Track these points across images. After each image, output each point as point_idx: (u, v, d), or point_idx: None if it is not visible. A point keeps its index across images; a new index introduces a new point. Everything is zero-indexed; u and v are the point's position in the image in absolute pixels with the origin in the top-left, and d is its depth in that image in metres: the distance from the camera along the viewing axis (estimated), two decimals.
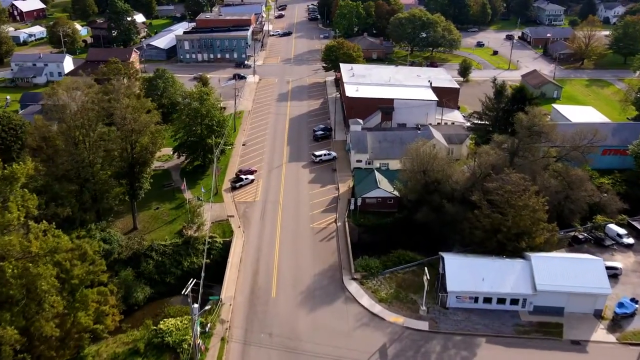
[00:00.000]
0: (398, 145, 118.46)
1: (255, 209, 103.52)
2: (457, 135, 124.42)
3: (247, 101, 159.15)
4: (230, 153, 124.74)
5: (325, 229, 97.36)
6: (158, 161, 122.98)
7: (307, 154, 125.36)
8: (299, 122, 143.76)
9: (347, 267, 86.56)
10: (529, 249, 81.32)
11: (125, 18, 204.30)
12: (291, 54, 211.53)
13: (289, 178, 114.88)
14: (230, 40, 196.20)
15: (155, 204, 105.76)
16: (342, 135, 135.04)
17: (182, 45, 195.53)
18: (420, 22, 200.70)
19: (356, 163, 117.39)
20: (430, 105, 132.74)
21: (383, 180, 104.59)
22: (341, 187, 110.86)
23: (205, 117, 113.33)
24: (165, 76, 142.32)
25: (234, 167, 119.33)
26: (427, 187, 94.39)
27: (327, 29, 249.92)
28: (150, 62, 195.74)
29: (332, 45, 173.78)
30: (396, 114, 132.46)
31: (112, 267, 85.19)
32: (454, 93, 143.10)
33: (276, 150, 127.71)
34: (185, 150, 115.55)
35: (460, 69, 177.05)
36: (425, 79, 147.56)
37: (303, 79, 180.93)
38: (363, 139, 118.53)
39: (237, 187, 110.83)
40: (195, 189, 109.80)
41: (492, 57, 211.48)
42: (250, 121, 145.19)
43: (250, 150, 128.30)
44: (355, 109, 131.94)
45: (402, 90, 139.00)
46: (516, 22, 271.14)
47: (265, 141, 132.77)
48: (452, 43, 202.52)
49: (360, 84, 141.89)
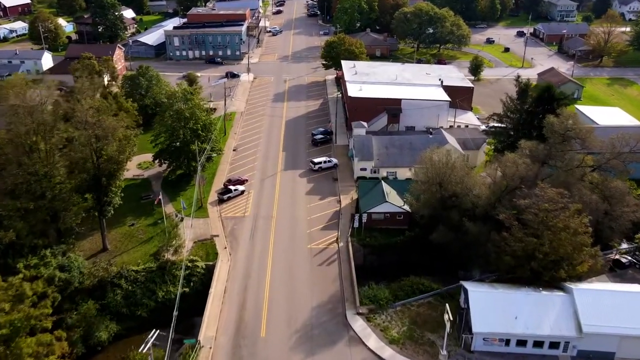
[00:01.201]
0: (407, 152, 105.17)
1: (244, 226, 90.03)
2: (473, 140, 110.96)
3: (240, 102, 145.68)
4: (218, 160, 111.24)
5: (326, 250, 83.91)
6: (138, 169, 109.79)
7: (305, 161, 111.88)
8: (296, 125, 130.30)
9: (351, 299, 73.09)
10: (569, 278, 67.91)
11: (111, 13, 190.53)
12: (289, 51, 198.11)
13: (284, 189, 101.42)
14: (223, 36, 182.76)
15: (130, 219, 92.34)
16: (344, 139, 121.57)
17: (172, 42, 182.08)
18: (427, 17, 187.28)
19: (360, 172, 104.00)
20: (442, 106, 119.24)
21: (391, 192, 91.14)
22: (343, 199, 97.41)
23: (189, 120, 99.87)
24: (149, 74, 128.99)
25: (222, 176, 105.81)
26: (443, 201, 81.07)
27: (327, 25, 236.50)
28: (137, 59, 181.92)
29: (332, 41, 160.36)
30: (404, 115, 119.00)
31: (72, 299, 71.86)
32: (468, 93, 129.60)
33: (270, 157, 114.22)
34: (167, 157, 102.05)
35: (471, 66, 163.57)
36: (435, 77, 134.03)
37: (301, 77, 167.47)
38: (368, 144, 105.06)
39: (225, 200, 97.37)
40: (177, 202, 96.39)
41: (503, 54, 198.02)
42: (243, 124, 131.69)
43: (242, 156, 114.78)
44: (359, 110, 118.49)
45: (411, 89, 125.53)
46: (526, 18, 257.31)
47: (259, 146, 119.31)
48: (461, 39, 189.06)
49: (364, 82, 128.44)
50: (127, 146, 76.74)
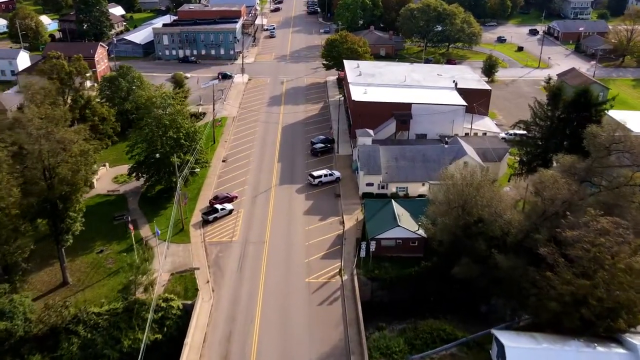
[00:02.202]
0: (420, 164, 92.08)
1: (231, 254, 76.82)
2: (493, 151, 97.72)
3: (232, 105, 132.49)
4: (205, 173, 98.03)
5: (327, 285, 70.69)
6: (114, 183, 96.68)
7: (303, 173, 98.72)
8: (294, 132, 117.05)
9: (358, 351, 59.89)
10: (630, 330, 54.75)
11: (95, 9, 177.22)
12: (287, 50, 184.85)
13: (279, 207, 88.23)
14: (215, 34, 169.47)
15: (99, 245, 79.21)
16: (347, 148, 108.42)
17: (161, 40, 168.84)
18: (435, 14, 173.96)
19: (366, 187, 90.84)
20: (458, 112, 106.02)
21: (404, 214, 77.92)
22: (347, 220, 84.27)
23: (170, 129, 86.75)
24: (131, 75, 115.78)
25: (209, 192, 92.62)
26: (467, 228, 67.98)
27: (328, 23, 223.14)
28: (123, 59, 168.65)
29: (334, 39, 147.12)
30: (414, 122, 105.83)
31: (16, 351, 58.73)
32: (485, 96, 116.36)
33: (264, 169, 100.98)
34: (145, 170, 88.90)
35: (484, 67, 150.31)
36: (448, 78, 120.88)
37: (300, 78, 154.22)
38: (375, 155, 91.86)
39: (211, 221, 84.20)
40: (157, 223, 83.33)
41: (516, 53, 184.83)
42: (235, 130, 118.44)
43: (232, 168, 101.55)
44: (364, 116, 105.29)
45: (422, 92, 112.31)
46: (537, 15, 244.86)
47: (251, 156, 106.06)
48: (471, 38, 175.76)
49: (369, 85, 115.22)
50: (84, 164, 63.14)
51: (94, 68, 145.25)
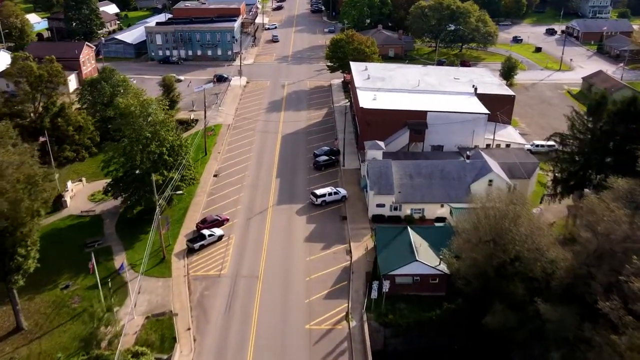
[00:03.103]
0: (438, 182, 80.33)
1: (219, 292, 65.23)
2: (522, 165, 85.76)
3: (228, 111, 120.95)
4: (193, 190, 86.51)
5: (331, 333, 58.99)
6: (90, 201, 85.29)
7: (305, 191, 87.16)
8: (295, 142, 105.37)
9: None
10: None
11: (85, 7, 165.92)
12: (289, 50, 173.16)
13: (277, 233, 76.62)
14: (212, 34, 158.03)
15: (65, 279, 67.80)
16: (354, 161, 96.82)
17: (154, 40, 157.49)
18: (448, 12, 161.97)
19: (376, 208, 79.16)
20: (479, 121, 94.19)
21: (422, 245, 66.15)
22: (355, 248, 72.62)
23: (151, 142, 75.25)
24: (114, 78, 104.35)
25: (196, 214, 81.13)
26: (500, 267, 56.21)
27: (333, 22, 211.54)
28: (114, 60, 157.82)
29: (339, 39, 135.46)
30: (430, 132, 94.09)
31: None
32: (508, 102, 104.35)
33: (260, 186, 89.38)
34: (122, 189, 77.45)
35: (502, 69, 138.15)
36: (466, 82, 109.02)
37: (302, 81, 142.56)
38: (386, 172, 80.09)
39: (197, 249, 72.65)
40: (135, 251, 72.04)
41: (534, 54, 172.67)
42: (229, 140, 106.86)
43: (224, 184, 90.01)
44: (373, 125, 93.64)
45: (438, 98, 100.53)
46: (552, 14, 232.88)
47: (247, 170, 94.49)
48: (487, 38, 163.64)
49: (379, 89, 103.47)
50: (29, 193, 51.46)
51: (78, 70, 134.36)
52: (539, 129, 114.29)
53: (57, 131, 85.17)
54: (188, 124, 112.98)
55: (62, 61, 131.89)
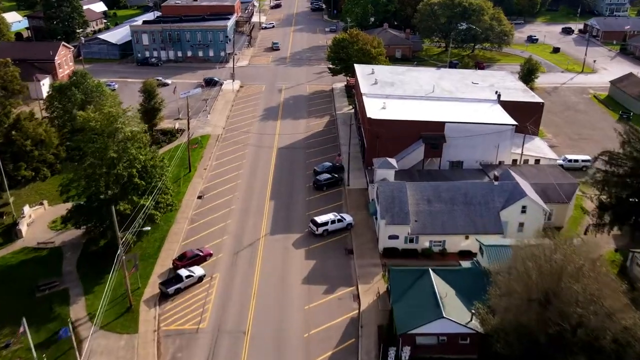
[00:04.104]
0: (461, 208, 67.57)
1: (196, 353, 52.38)
2: (559, 187, 72.88)
3: (218, 120, 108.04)
4: (172, 217, 73.69)
5: None
6: (51, 229, 72.48)
7: (303, 216, 74.42)
8: (292, 157, 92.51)
9: None
10: None
11: (66, 4, 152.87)
12: (287, 51, 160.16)
13: (269, 271, 63.82)
14: (203, 33, 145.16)
15: (6, 334, 55.10)
16: (360, 178, 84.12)
17: (139, 40, 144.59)
18: (459, 10, 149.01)
19: (388, 241, 66.43)
20: (505, 133, 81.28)
21: (448, 294, 53.26)
22: (364, 292, 59.93)
23: (119, 163, 62.43)
24: (86, 83, 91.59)
25: (174, 246, 68.31)
26: (556, 335, 43.39)
27: (335, 20, 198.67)
28: (97, 61, 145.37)
29: (342, 39, 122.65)
30: (449, 146, 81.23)
31: None
32: (536, 111, 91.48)
33: (252, 210, 76.55)
34: (83, 220, 64.68)
35: (522, 71, 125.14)
36: (486, 88, 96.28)
37: (301, 85, 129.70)
38: (400, 197, 67.20)
39: (172, 295, 59.85)
40: (94, 296, 59.30)
41: (552, 55, 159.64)
42: (218, 154, 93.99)
43: (209, 208, 77.19)
44: (382, 138, 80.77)
45: (457, 107, 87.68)
46: (567, 12, 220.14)
47: (236, 191, 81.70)
48: (501, 37, 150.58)
49: (388, 96, 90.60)
50: None
51: (54, 72, 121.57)
52: (567, 139, 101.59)
53: (13, 146, 72.40)
54: (172, 135, 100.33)
55: (36, 63, 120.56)
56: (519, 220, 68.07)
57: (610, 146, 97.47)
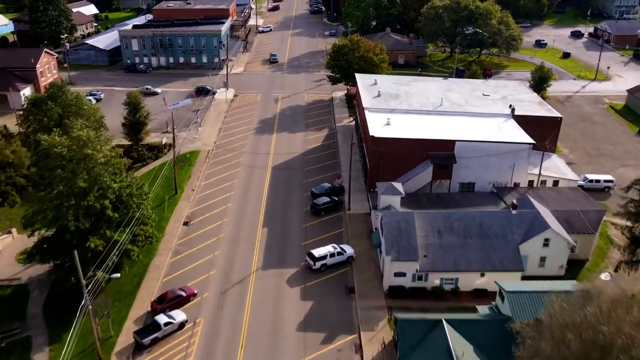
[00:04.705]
0: (475, 241, 60.39)
1: None
2: (583, 214, 65.50)
3: (209, 134, 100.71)
4: (154, 249, 66.34)
5: None
6: (18, 262, 65.08)
7: (299, 247, 67.11)
8: (288, 176, 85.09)
9: None
10: None
11: (52, 7, 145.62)
12: (284, 57, 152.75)
13: (261, 315, 56.46)
14: (196, 38, 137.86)
15: None
16: (361, 201, 76.84)
17: (129, 45, 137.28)
18: (466, 13, 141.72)
19: (394, 278, 59.15)
20: (521, 152, 73.94)
21: (466, 350, 45.86)
22: (367, 342, 52.66)
23: (90, 192, 55.10)
24: (65, 96, 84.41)
25: (154, 284, 60.96)
26: None
27: (335, 24, 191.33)
28: (85, 68, 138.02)
29: (342, 45, 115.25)
30: (459, 166, 73.87)
31: None
32: (554, 127, 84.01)
33: (242, 240, 69.17)
34: (50, 255, 57.37)
35: (533, 79, 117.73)
36: (499, 100, 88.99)
37: (299, 95, 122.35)
38: (408, 229, 59.87)
39: (149, 345, 52.49)
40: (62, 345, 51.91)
41: (563, 61, 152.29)
42: (207, 172, 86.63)
43: (196, 237, 69.84)
44: (387, 158, 73.41)
45: (467, 123, 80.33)
46: (574, 15, 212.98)
47: (226, 216, 74.33)
48: (510, 42, 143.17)
49: (393, 110, 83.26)
50: None
51: (35, 81, 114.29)
52: (585, 155, 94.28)
53: None
54: (159, 150, 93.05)
55: (16, 71, 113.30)
56: (541, 254, 60.94)
57: (631, 163, 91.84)
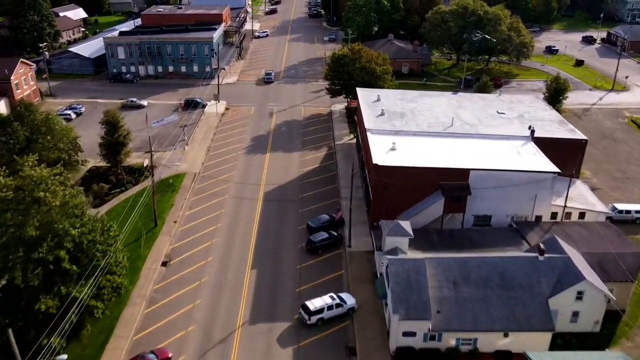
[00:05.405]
0: (497, 294, 52.00)
1: None
2: (620, 258, 56.82)
3: (197, 154, 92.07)
4: (125, 297, 57.64)
5: None
6: None
7: (293, 294, 58.55)
8: (282, 206, 76.32)
9: None
10: None
11: (32, 12, 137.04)
12: (281, 64, 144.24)
13: None
14: (186, 46, 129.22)
15: None
16: (363, 236, 68.25)
17: (115, 53, 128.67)
18: (474, 19, 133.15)
19: (403, 338, 50.45)
20: (544, 182, 65.23)
21: None
22: None
23: (43, 242, 46.48)
24: (32, 117, 75.93)
25: (122, 343, 52.23)
26: None
27: (334, 28, 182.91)
28: (68, 77, 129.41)
29: (342, 55, 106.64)
30: (474, 197, 65.16)
31: None
32: (578, 150, 75.24)
33: (228, 285, 60.51)
34: None
35: (548, 91, 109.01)
36: (515, 119, 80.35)
37: (296, 108, 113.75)
38: (418, 281, 51.27)
39: None
40: None
41: (576, 69, 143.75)
42: (192, 200, 77.94)
43: (175, 281, 61.16)
44: (392, 189, 64.67)
45: (482, 146, 71.62)
46: (584, 18, 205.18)
47: (211, 254, 65.67)
48: (520, 49, 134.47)
49: (398, 132, 74.54)
50: None
51: (10, 94, 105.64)
52: (609, 179, 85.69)
53: None
54: (141, 173, 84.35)
55: None
56: (574, 309, 52.42)
57: None
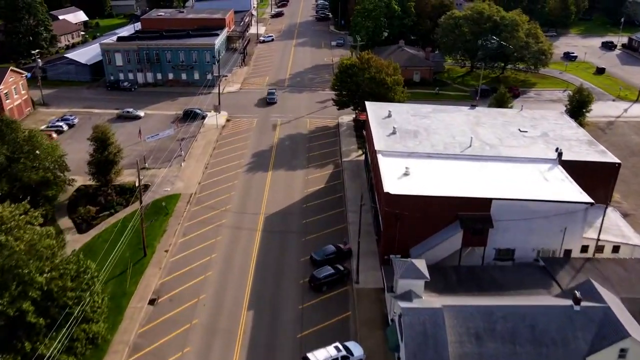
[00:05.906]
0: (527, 350, 45.56)
1: None
2: None
3: (193, 172, 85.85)
4: (105, 345, 51.39)
5: None
6: None
7: (293, 342, 52.07)
8: (284, 234, 69.85)
9: None
10: None
11: (27, 16, 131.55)
12: (286, 71, 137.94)
13: None
14: (187, 52, 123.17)
15: None
16: (372, 269, 61.82)
17: (112, 60, 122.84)
18: (489, 24, 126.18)
19: None
20: (576, 214, 58.38)
21: None
22: None
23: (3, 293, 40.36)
24: (14, 135, 70.12)
25: None
26: None
27: (343, 32, 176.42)
28: (63, 85, 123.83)
29: (350, 65, 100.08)
30: (496, 230, 58.41)
31: None
32: (610, 174, 68.25)
33: (220, 330, 54.10)
34: None
35: (571, 103, 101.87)
36: (539, 138, 73.47)
37: (301, 119, 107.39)
38: (436, 334, 44.71)
39: None
40: None
41: (597, 78, 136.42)
42: (186, 225, 71.61)
43: (162, 323, 54.86)
44: (405, 220, 58.05)
45: (504, 171, 64.85)
46: (602, 22, 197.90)
47: (204, 290, 59.34)
48: (539, 57, 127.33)
49: (411, 154, 67.84)
50: None
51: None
52: None
53: None
54: (132, 193, 78.14)
55: None
56: None
57: None
